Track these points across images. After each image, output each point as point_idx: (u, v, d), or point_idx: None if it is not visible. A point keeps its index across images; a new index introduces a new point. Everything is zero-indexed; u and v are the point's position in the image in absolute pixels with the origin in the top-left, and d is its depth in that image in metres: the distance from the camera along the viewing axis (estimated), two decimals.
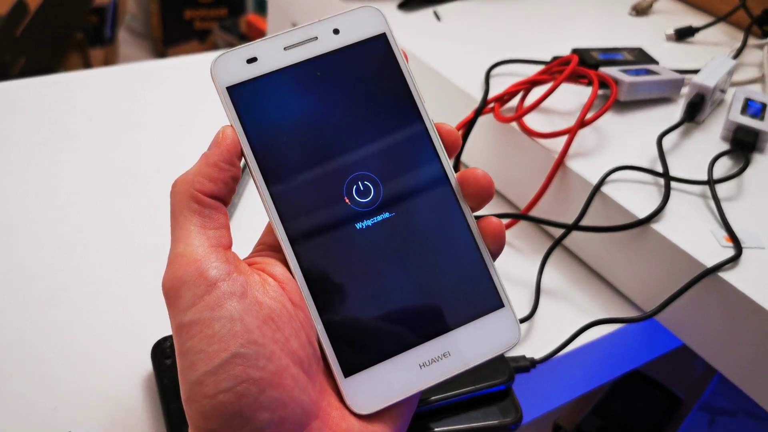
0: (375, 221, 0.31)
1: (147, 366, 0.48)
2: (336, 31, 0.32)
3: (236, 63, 0.31)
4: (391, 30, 0.33)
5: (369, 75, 0.32)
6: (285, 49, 0.32)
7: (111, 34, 2.23)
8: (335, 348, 0.30)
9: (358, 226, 0.31)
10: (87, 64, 2.05)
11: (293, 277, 0.30)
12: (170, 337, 0.49)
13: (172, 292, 0.28)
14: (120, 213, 0.62)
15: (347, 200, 0.31)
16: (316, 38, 0.32)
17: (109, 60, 2.16)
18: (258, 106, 0.31)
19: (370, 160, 0.32)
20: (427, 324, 0.31)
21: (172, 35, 2.53)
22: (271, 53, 0.32)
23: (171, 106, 0.76)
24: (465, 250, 0.32)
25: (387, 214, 0.31)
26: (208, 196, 0.30)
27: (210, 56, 0.91)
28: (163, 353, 0.48)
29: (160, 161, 0.68)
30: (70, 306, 0.53)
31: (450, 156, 0.33)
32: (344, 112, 0.32)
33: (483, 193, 0.32)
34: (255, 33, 2.33)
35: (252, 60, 0.31)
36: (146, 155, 0.69)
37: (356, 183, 0.31)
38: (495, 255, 0.33)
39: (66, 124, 0.72)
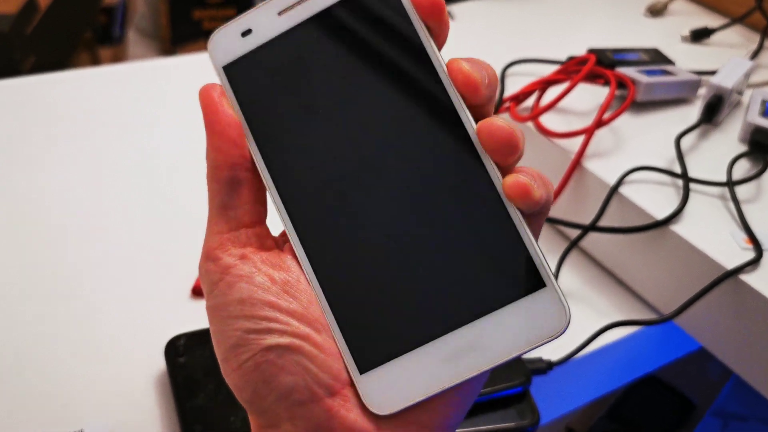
0: (387, 195, 0.28)
1: (160, 364, 0.48)
2: None
3: (231, 38, 0.29)
4: None
5: (373, 29, 0.28)
6: (279, 14, 0.29)
7: (120, 33, 2.24)
8: (348, 341, 0.28)
9: (369, 201, 0.28)
10: (96, 63, 2.05)
11: (298, 263, 0.29)
12: (183, 335, 0.49)
13: (200, 280, 0.30)
14: (130, 210, 0.61)
15: (355, 175, 0.28)
16: None
17: (117, 59, 2.16)
18: (255, 82, 0.29)
19: (378, 124, 0.28)
20: (452, 311, 0.27)
21: (180, 35, 2.53)
22: (265, 22, 0.29)
23: (180, 104, 0.76)
24: (496, 224, 0.27)
25: (401, 187, 0.28)
26: (226, 167, 0.28)
27: None
28: (176, 351, 0.48)
29: (171, 158, 0.67)
30: (83, 303, 0.53)
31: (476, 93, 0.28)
32: (347, 75, 0.28)
33: (502, 147, 0.27)
34: None
35: (246, 33, 0.29)
36: (155, 152, 0.68)
37: (364, 155, 0.28)
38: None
39: (75, 120, 0.72)
